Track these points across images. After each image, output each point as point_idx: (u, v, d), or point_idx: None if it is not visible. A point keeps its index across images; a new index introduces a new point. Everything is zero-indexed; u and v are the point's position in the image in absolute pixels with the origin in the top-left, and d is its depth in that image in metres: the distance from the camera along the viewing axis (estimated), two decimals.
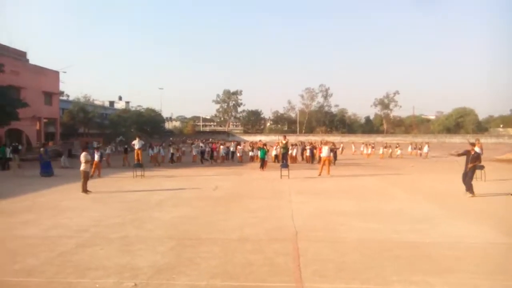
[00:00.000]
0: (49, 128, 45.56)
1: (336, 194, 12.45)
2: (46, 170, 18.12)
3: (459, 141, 58.11)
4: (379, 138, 66.01)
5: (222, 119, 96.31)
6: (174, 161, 25.62)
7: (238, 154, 27.82)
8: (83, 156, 12.81)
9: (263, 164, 21.04)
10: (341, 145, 29.54)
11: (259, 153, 22.28)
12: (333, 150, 23.48)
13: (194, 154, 27.13)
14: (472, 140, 14.39)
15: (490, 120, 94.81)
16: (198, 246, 6.55)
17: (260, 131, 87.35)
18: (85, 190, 12.46)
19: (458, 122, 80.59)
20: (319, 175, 17.51)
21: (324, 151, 18.24)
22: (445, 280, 4.99)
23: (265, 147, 22.38)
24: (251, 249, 6.38)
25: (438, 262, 5.69)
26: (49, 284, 4.93)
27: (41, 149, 19.97)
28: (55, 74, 44.19)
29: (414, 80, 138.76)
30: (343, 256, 6.00)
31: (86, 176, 12.75)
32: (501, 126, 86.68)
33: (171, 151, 26.05)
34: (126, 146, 26.48)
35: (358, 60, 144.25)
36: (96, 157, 17.56)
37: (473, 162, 11.75)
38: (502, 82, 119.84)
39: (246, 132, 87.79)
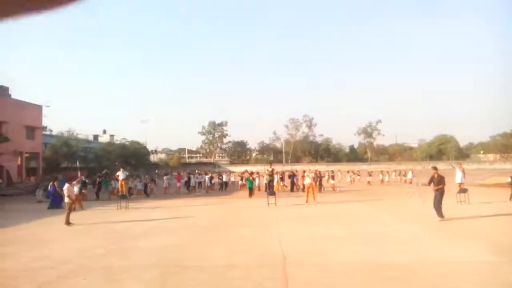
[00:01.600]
0: (31, 163, 44.68)
1: (324, 219, 12.43)
2: (57, 203, 17.90)
3: (442, 168, 58.91)
4: (364, 167, 66.49)
5: (208, 150, 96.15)
6: (148, 194, 25.06)
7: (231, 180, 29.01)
8: (66, 189, 12.67)
9: (250, 192, 21.48)
10: (333, 173, 29.45)
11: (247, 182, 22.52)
12: (319, 178, 23.77)
13: (165, 186, 26.76)
14: (453, 165, 14.67)
15: (471, 147, 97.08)
16: (184, 274, 6.41)
17: (246, 162, 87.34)
18: (68, 222, 12.17)
19: (440, 149, 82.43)
20: (306, 202, 17.51)
21: (307, 179, 18.38)
22: None
23: (251, 176, 22.61)
24: (239, 276, 6.27)
25: (426, 281, 5.69)
26: None
27: (55, 182, 19.87)
28: (38, 108, 43.83)
29: (396, 109, 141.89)
30: (333, 279, 5.95)
31: (70, 208, 12.56)
32: (482, 152, 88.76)
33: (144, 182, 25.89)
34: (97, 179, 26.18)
35: (341, 90, 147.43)
36: (76, 189, 17.25)
37: (437, 185, 11.90)
38: (481, 109, 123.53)
39: (232, 163, 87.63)
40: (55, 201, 18.16)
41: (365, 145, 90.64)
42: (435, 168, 12.80)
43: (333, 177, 28.13)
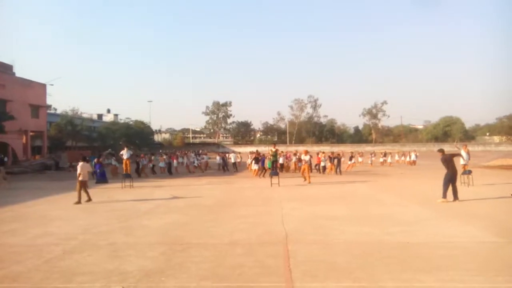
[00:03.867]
0: (36, 142, 44.98)
1: (327, 200, 12.47)
2: (103, 178, 19.30)
3: (448, 149, 58.68)
4: (368, 148, 66.38)
5: (211, 130, 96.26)
6: (172, 172, 25.41)
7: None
8: (82, 167, 12.64)
9: (264, 172, 21.77)
10: (352, 154, 29.13)
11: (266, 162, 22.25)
12: (338, 159, 24.07)
13: (161, 166, 26.17)
14: (459, 146, 14.55)
15: (477, 128, 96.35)
16: (188, 251, 6.48)
17: (250, 142, 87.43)
18: (79, 200, 12.31)
19: (446, 131, 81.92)
20: (309, 182, 17.51)
21: (304, 159, 18.71)
22: (436, 278, 5.00)
23: (259, 155, 22.97)
24: (242, 253, 6.33)
25: (429, 261, 5.70)
26: None
27: (100, 158, 21.13)
28: (42, 87, 43.84)
29: (401, 90, 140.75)
30: (334, 257, 5.99)
31: (84, 186, 12.58)
32: (487, 134, 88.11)
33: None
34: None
35: (346, 71, 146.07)
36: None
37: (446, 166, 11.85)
38: (488, 91, 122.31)
39: (236, 143, 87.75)
40: (102, 176, 19.62)
41: (369, 126, 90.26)
42: (441, 151, 12.64)
43: (351, 158, 28.05)
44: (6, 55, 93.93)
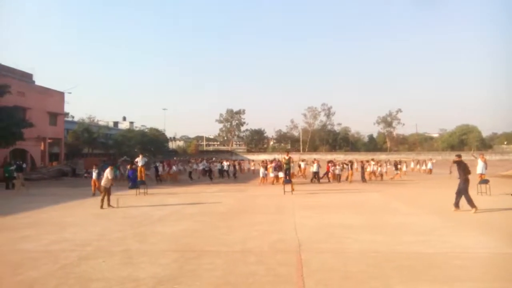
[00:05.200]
0: (54, 148, 45.81)
1: (340, 208, 12.37)
2: (136, 184, 19.38)
3: (464, 158, 57.66)
4: (382, 156, 65.68)
5: (225, 138, 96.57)
6: (212, 178, 27.27)
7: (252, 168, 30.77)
8: (108, 173, 13.23)
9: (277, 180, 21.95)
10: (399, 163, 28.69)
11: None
12: (362, 167, 24.36)
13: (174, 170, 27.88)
14: (476, 155, 14.32)
15: (494, 137, 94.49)
16: (201, 258, 6.49)
17: (263, 150, 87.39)
18: (103, 205, 12.75)
19: (462, 139, 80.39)
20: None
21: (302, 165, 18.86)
22: None
23: (267, 164, 22.91)
24: (254, 261, 6.32)
25: (444, 271, 5.60)
26: None
27: (132, 166, 21.99)
28: (60, 95, 44.72)
29: (416, 98, 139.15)
30: (347, 266, 5.92)
31: (107, 192, 13.01)
32: (505, 143, 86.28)
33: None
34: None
35: (360, 79, 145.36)
36: (94, 175, 17.68)
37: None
38: (505, 99, 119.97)
39: (249, 151, 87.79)
40: (134, 182, 19.95)
41: (384, 135, 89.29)
42: (459, 156, 12.42)
43: (396, 167, 27.82)
44: (26, 64, 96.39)
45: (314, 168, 23.61)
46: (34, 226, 9.89)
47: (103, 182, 13.27)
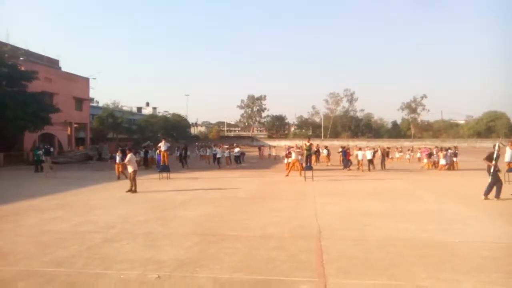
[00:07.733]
0: (80, 133, 47.02)
1: (362, 195, 12.24)
2: (164, 168, 19.17)
3: (491, 145, 55.95)
4: (406, 143, 64.42)
5: (246, 124, 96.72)
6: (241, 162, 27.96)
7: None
8: (130, 158, 13.39)
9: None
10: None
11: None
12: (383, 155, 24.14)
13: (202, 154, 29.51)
14: (504, 143, 13.81)
15: None
16: (222, 243, 6.58)
17: (285, 136, 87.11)
18: (134, 190, 12.99)
19: (489, 126, 77.66)
20: (287, 175, 18.28)
21: (293, 155, 18.86)
22: (476, 279, 4.81)
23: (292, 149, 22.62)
24: (274, 246, 6.36)
25: (469, 261, 5.49)
26: (78, 275, 5.07)
27: (158, 151, 22.45)
28: (86, 80, 45.63)
29: (442, 84, 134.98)
30: (369, 254, 5.88)
31: (133, 178, 13.18)
32: None
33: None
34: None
35: (384, 64, 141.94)
36: (118, 158, 17.98)
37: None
38: None
39: (270, 137, 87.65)
40: (163, 166, 19.80)
41: (408, 121, 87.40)
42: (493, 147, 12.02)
43: (429, 155, 24.97)
44: (53, 50, 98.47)
45: (368, 155, 21.82)
46: (63, 208, 10.24)
47: (131, 167, 13.24)
